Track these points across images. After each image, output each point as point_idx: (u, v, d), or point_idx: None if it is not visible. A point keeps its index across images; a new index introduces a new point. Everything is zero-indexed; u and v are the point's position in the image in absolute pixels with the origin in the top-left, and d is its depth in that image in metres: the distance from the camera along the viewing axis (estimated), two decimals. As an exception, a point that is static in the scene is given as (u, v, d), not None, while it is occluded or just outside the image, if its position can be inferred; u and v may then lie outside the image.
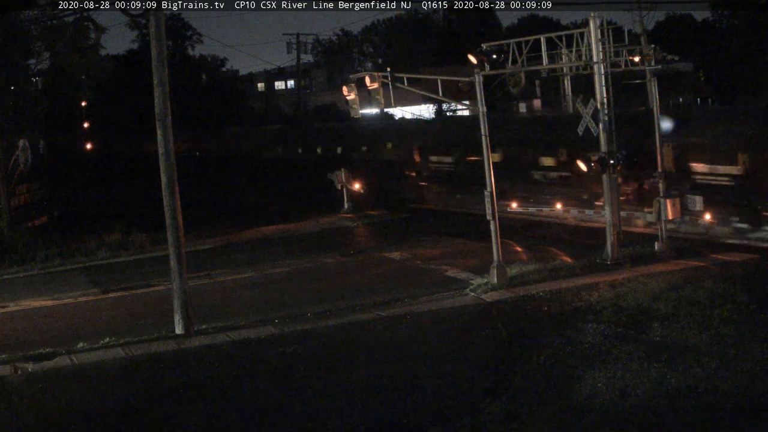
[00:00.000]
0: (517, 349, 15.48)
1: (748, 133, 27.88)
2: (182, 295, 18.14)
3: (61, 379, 15.52)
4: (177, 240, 18.27)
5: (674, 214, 22.37)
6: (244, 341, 17.22)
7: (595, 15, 21.47)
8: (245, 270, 24.69)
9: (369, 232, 30.55)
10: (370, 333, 17.29)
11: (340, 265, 24.71)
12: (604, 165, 21.25)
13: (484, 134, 20.61)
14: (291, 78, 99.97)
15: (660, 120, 23.23)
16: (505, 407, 12.79)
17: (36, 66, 35.27)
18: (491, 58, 21.35)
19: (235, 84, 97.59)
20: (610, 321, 16.46)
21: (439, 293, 20.08)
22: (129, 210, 37.34)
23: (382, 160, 48.61)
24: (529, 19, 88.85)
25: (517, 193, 32.21)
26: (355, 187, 34.22)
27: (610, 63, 21.99)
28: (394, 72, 22.34)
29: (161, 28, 18.21)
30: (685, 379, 13.20)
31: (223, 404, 13.85)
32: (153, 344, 17.30)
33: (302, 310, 19.33)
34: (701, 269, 20.13)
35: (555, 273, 20.64)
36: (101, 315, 20.58)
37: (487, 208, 20.57)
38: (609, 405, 12.54)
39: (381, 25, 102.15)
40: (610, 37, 21.82)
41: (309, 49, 77.90)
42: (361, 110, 23.71)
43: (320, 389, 14.14)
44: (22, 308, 21.84)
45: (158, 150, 18.23)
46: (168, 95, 18.23)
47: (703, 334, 15.24)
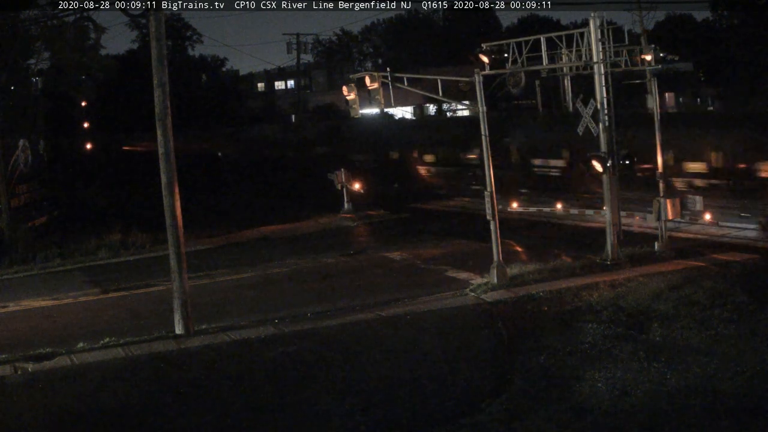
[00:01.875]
0: (517, 349, 15.49)
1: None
2: (182, 295, 18.14)
3: (61, 379, 15.51)
4: (177, 240, 18.26)
5: (674, 214, 22.38)
6: (244, 341, 17.22)
7: (595, 15, 21.47)
8: (245, 270, 24.69)
9: (369, 232, 30.55)
10: (371, 333, 17.28)
11: (340, 265, 24.71)
12: (604, 165, 21.24)
13: (484, 134, 20.61)
14: (291, 78, 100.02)
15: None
16: (505, 407, 12.80)
17: (36, 66, 35.33)
18: (491, 58, 21.38)
19: (235, 84, 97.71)
20: (610, 321, 16.46)
21: (439, 293, 20.08)
22: (129, 210, 37.33)
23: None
24: (529, 19, 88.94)
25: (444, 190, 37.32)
26: (355, 187, 34.24)
27: (610, 63, 21.98)
28: (394, 72, 22.34)
29: (161, 28, 18.21)
30: (685, 379, 13.20)
31: (224, 404, 13.85)
32: (153, 344, 17.29)
33: (302, 310, 19.33)
34: (701, 269, 20.13)
35: (555, 273, 20.64)
36: (101, 315, 20.57)
37: (487, 208, 20.58)
38: (609, 405, 12.54)
39: (381, 25, 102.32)
40: (610, 37, 21.81)
41: (309, 49, 78.11)
42: (361, 110, 23.72)
43: (320, 389, 14.14)
44: (22, 308, 21.82)
45: (158, 150, 18.24)
46: (168, 95, 18.23)
47: (703, 334, 15.25)
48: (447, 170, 45.59)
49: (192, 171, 41.81)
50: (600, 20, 21.49)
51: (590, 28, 21.43)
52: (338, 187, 34.01)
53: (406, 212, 33.78)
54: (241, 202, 39.76)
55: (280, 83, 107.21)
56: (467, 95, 35.58)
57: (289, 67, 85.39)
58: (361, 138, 58.67)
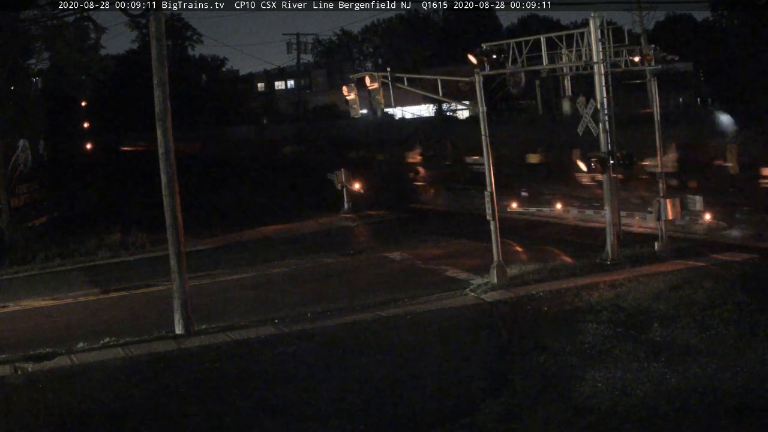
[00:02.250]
0: (517, 349, 15.49)
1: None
2: (182, 295, 18.14)
3: (61, 379, 15.50)
4: (177, 240, 18.27)
5: (674, 215, 22.38)
6: (244, 341, 17.22)
7: (595, 15, 21.46)
8: (245, 270, 24.69)
9: (369, 232, 30.55)
10: (370, 333, 17.27)
11: (340, 265, 24.71)
12: (604, 165, 21.24)
13: (484, 134, 20.61)
14: (291, 78, 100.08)
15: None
16: (505, 407, 12.79)
17: (36, 66, 35.31)
18: (491, 58, 21.35)
19: (235, 84, 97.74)
20: (610, 321, 16.46)
21: (439, 293, 20.08)
22: (129, 210, 37.33)
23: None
24: (529, 19, 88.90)
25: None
26: (355, 187, 34.23)
27: (610, 63, 21.98)
28: (394, 72, 22.34)
29: (161, 28, 18.22)
30: (685, 379, 13.19)
31: (223, 404, 13.85)
32: (153, 344, 17.29)
33: (302, 310, 19.33)
34: (701, 269, 20.12)
35: (555, 273, 20.64)
36: (101, 315, 20.58)
37: (487, 208, 20.58)
38: (609, 405, 12.54)
39: (381, 25, 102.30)
40: (610, 37, 21.81)
41: (309, 49, 78.16)
42: (360, 110, 23.73)
43: (320, 389, 14.14)
44: (22, 308, 21.84)
45: (158, 150, 18.24)
46: (168, 95, 18.23)
47: (703, 334, 15.24)
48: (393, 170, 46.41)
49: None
50: (600, 20, 21.49)
51: (590, 28, 21.43)
52: (338, 187, 34.01)
53: (406, 212, 33.79)
54: (240, 202, 39.74)
55: (280, 83, 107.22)
56: (467, 95, 35.65)
57: (289, 67, 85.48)
58: (329, 138, 59.86)
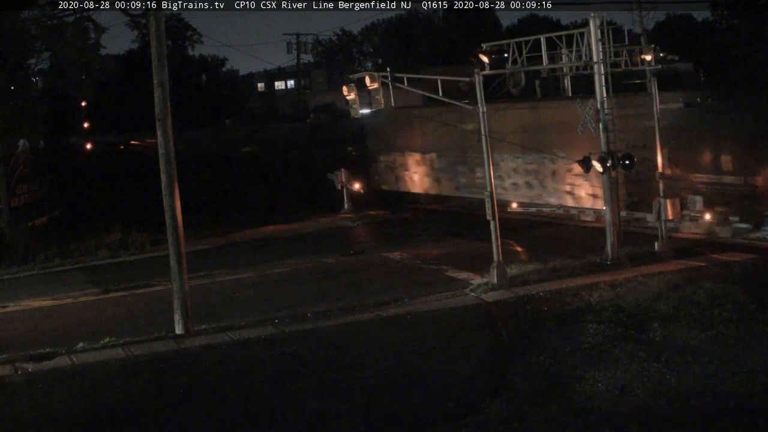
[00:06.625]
0: (517, 349, 15.49)
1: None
2: (182, 295, 18.14)
3: (61, 379, 15.51)
4: (177, 240, 18.27)
5: (674, 215, 22.38)
6: (244, 341, 17.23)
7: (595, 15, 21.46)
8: (245, 270, 24.68)
9: (369, 232, 30.54)
10: (371, 333, 17.28)
11: (340, 265, 24.70)
12: (604, 165, 21.23)
13: (484, 134, 20.61)
14: (291, 78, 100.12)
15: None
16: (506, 407, 12.80)
17: (36, 66, 35.33)
18: (491, 57, 21.38)
19: (235, 84, 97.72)
20: (610, 321, 16.46)
21: (439, 293, 20.08)
22: (129, 210, 37.30)
23: None
24: (529, 19, 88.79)
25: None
26: (355, 187, 34.23)
27: (610, 63, 21.98)
28: (394, 72, 22.34)
29: (161, 28, 18.22)
30: (685, 379, 13.20)
31: (223, 404, 13.85)
32: (153, 344, 17.30)
33: (302, 310, 19.32)
34: (701, 269, 20.12)
35: (555, 273, 20.64)
36: (101, 315, 20.58)
37: (487, 208, 20.57)
38: (609, 405, 12.55)
39: (381, 25, 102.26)
40: (610, 37, 21.81)
41: (309, 49, 78.26)
42: (361, 110, 23.72)
43: (320, 389, 14.14)
44: (22, 308, 21.83)
45: (158, 150, 18.24)
46: (168, 95, 18.23)
47: (703, 334, 15.25)
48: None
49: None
50: (600, 20, 21.49)
51: (590, 28, 21.43)
52: (338, 187, 34.02)
53: (406, 212, 33.78)
54: (240, 202, 39.71)
55: (280, 83, 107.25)
56: (467, 95, 35.61)
57: (289, 67, 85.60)
58: (285, 139, 61.29)
